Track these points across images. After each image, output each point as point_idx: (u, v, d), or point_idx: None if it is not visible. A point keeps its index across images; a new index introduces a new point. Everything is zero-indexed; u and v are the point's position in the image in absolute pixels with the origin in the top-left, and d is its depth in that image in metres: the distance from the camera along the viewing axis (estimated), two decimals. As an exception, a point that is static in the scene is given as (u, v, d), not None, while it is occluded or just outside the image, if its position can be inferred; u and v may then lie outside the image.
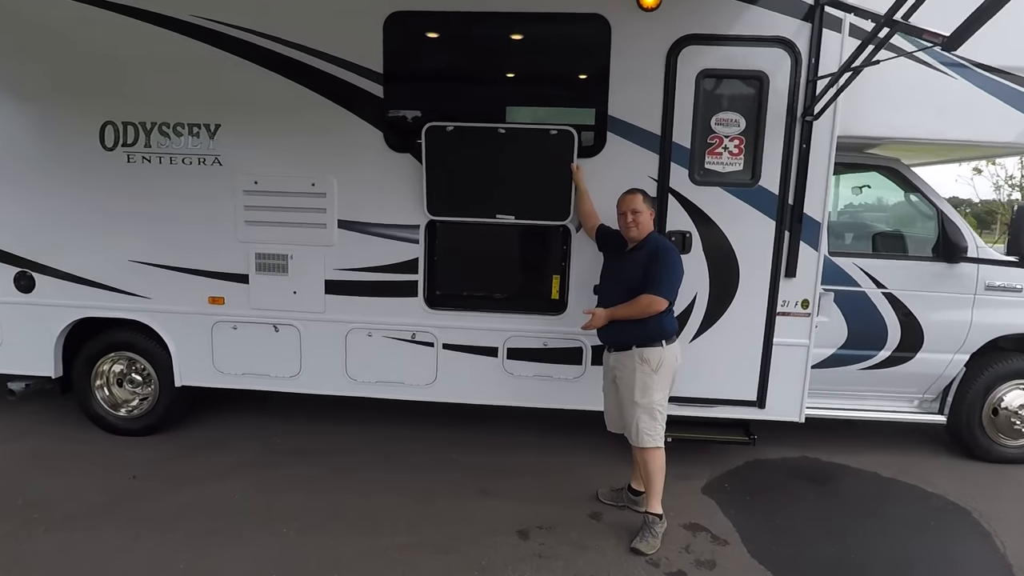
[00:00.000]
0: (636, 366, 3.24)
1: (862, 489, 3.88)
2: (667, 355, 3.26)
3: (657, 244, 3.29)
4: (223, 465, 3.92)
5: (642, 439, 3.27)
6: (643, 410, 3.25)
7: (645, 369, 3.23)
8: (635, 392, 3.25)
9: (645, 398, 3.24)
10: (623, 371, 3.30)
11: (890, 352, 4.17)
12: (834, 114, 3.63)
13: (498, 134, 3.78)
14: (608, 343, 3.43)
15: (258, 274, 4.04)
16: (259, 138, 3.92)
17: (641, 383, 3.24)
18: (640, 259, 3.26)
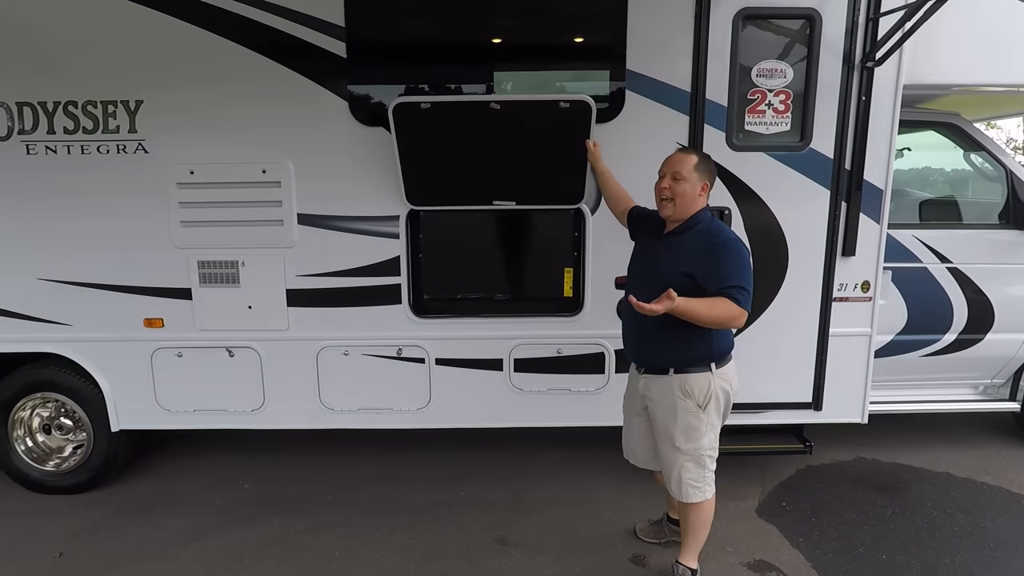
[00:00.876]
0: (677, 400, 2.45)
1: (940, 496, 3.34)
2: (718, 383, 2.45)
3: (717, 231, 2.41)
4: (176, 529, 3.16)
5: (688, 493, 2.52)
6: (688, 458, 2.49)
7: (689, 405, 2.44)
8: (676, 435, 2.48)
9: (691, 443, 2.47)
10: (659, 404, 2.50)
11: (956, 335, 3.63)
12: (899, 59, 3.00)
13: (489, 110, 3.02)
14: (638, 360, 2.62)
15: (203, 287, 3.26)
16: (193, 116, 3.11)
17: (684, 424, 2.45)
18: (684, 247, 2.40)
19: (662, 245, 2.50)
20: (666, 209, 2.46)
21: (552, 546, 2.97)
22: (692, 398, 2.43)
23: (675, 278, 2.33)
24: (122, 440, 3.51)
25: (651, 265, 2.52)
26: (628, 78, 3.04)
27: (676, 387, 2.44)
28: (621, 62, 3.04)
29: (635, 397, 2.64)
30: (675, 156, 2.51)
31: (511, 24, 3.18)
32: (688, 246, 2.41)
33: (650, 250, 2.57)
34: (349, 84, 3.07)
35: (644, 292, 2.31)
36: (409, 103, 2.96)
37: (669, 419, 2.48)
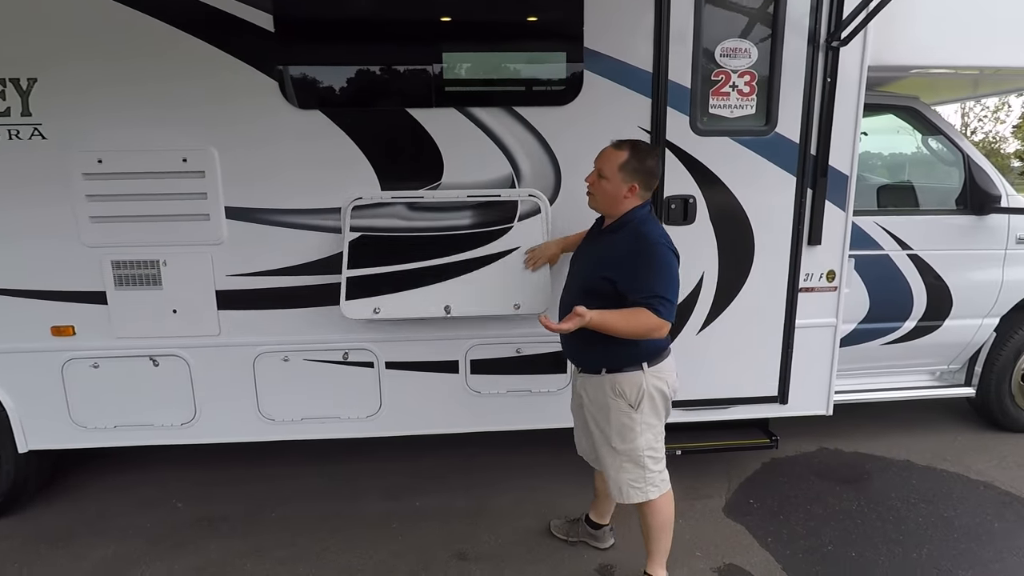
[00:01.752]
0: (609, 400, 2.33)
1: (902, 486, 3.30)
2: (651, 382, 2.31)
3: (645, 235, 2.22)
4: (97, 560, 2.83)
5: (628, 494, 2.39)
6: (626, 459, 2.37)
7: (621, 406, 2.32)
8: (611, 436, 2.37)
9: (627, 443, 2.35)
10: (594, 403, 2.40)
11: (916, 322, 3.60)
12: (864, 39, 2.89)
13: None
14: (572, 360, 2.52)
15: (119, 290, 2.91)
16: (99, 98, 2.74)
17: (618, 425, 2.34)
18: (611, 249, 2.28)
19: (596, 241, 2.42)
20: (590, 201, 2.38)
21: (515, 559, 2.79)
22: (624, 398, 2.32)
23: (596, 282, 2.26)
24: (32, 462, 3.13)
25: (582, 261, 2.45)
26: (586, 57, 2.83)
27: (608, 387, 2.34)
28: (579, 40, 2.82)
29: (576, 394, 2.56)
30: (605, 150, 2.33)
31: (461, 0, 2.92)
32: (614, 248, 2.28)
33: (586, 245, 2.49)
34: (278, 62, 2.76)
35: (571, 290, 2.39)
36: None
37: (603, 419, 2.39)
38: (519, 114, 2.88)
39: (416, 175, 2.92)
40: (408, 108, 2.86)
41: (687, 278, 3.07)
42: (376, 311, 2.89)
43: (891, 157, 4.55)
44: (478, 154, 2.91)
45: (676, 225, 3.00)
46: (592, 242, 2.44)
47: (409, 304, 2.90)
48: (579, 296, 2.27)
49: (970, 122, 17.07)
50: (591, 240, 2.46)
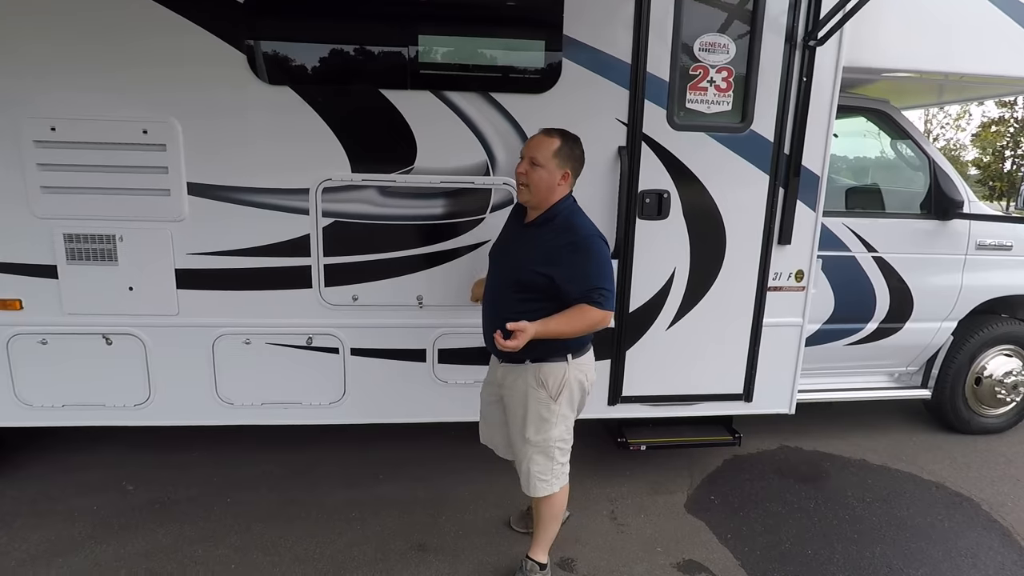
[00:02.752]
0: (529, 390, 2.34)
1: (858, 485, 3.37)
2: (573, 374, 2.35)
3: (577, 227, 2.25)
4: (38, 542, 2.73)
5: (535, 486, 2.42)
6: (537, 450, 2.39)
7: (541, 396, 2.33)
8: (527, 427, 2.37)
9: (540, 434, 2.36)
10: (512, 392, 2.39)
11: (878, 324, 3.66)
12: (840, 40, 2.91)
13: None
14: (495, 352, 2.39)
15: (71, 264, 2.79)
16: (53, 60, 2.61)
17: (535, 415, 2.35)
18: (542, 244, 2.25)
19: (522, 236, 2.36)
20: (522, 194, 2.32)
21: (474, 550, 2.77)
22: (545, 388, 2.34)
23: (533, 278, 2.24)
24: (-25, 440, 3.01)
25: (510, 256, 2.39)
26: (565, 45, 2.79)
27: (531, 376, 2.34)
28: (558, 28, 2.78)
29: (492, 386, 2.54)
30: (536, 138, 2.32)
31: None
32: (546, 243, 2.25)
33: (511, 237, 2.45)
34: (248, 36, 2.66)
35: (499, 283, 2.37)
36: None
37: (520, 409, 2.39)
38: (496, 100, 2.83)
39: (388, 159, 2.85)
40: (382, 89, 2.78)
41: (658, 273, 3.07)
42: (355, 298, 2.90)
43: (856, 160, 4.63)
44: (452, 140, 2.85)
45: (650, 220, 2.99)
46: (517, 237, 2.38)
47: (383, 293, 2.90)
48: (510, 291, 2.27)
49: (932, 128, 17.52)
50: (514, 235, 2.41)
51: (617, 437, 3.28)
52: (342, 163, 2.82)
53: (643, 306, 3.10)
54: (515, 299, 2.25)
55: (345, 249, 2.91)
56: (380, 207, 2.88)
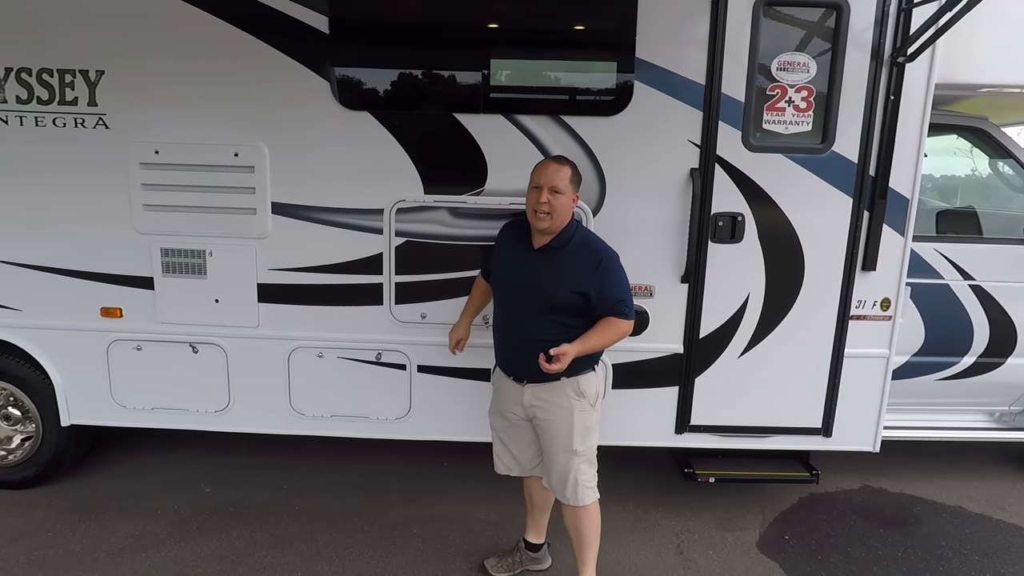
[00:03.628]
0: (573, 403, 2.39)
1: (953, 534, 3.09)
2: (602, 381, 2.52)
3: (597, 246, 2.39)
4: (125, 536, 2.91)
5: (584, 495, 2.46)
6: (583, 459, 2.45)
7: (584, 406, 2.41)
8: (574, 439, 2.40)
9: (586, 443, 2.44)
10: (552, 409, 2.41)
11: (975, 358, 3.38)
12: (932, 55, 2.75)
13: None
14: (523, 374, 2.43)
15: (166, 277, 3.00)
16: (159, 90, 2.84)
17: (581, 425, 2.41)
18: (567, 265, 2.34)
19: (538, 260, 2.39)
20: (542, 222, 2.33)
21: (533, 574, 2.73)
22: (587, 398, 2.42)
23: (567, 297, 2.32)
24: (73, 435, 3.25)
25: (528, 280, 2.39)
26: (637, 68, 2.78)
27: (570, 390, 2.40)
28: (630, 50, 2.77)
29: (515, 409, 2.50)
30: (551, 168, 2.36)
31: (512, 6, 2.91)
32: (571, 263, 2.35)
33: (523, 263, 2.43)
34: (332, 64, 2.81)
35: (524, 308, 2.38)
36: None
37: (565, 424, 2.41)
38: (566, 123, 2.85)
39: (460, 180, 2.91)
40: (455, 113, 2.86)
41: (731, 298, 2.97)
42: (423, 316, 2.98)
43: (945, 180, 4.33)
44: (523, 162, 2.86)
45: (722, 243, 2.90)
46: (532, 262, 2.39)
47: (451, 312, 2.91)
48: (543, 315, 2.33)
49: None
50: (526, 260, 2.41)
51: (684, 467, 3.16)
52: (415, 185, 2.91)
53: (714, 332, 3.00)
54: (548, 321, 2.32)
55: (415, 268, 2.98)
56: (450, 227, 2.95)
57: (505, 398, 2.53)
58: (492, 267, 2.60)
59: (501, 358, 2.54)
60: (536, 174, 2.37)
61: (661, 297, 2.97)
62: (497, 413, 2.59)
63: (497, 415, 2.59)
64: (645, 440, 3.15)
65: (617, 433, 3.07)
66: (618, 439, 3.10)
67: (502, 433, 2.60)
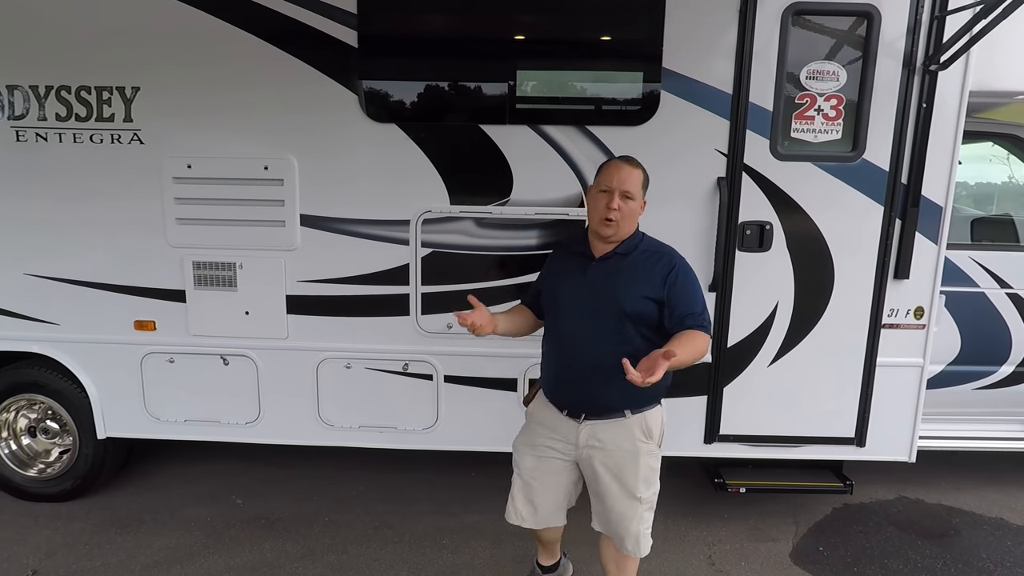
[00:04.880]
0: (639, 444, 2.12)
1: (995, 546, 3.02)
2: (665, 416, 2.23)
3: (670, 251, 2.17)
4: (160, 549, 2.94)
5: (644, 546, 2.20)
6: (647, 507, 2.18)
7: (651, 448, 2.15)
8: (638, 485, 2.13)
9: (651, 489, 2.17)
10: (616, 451, 2.12)
11: (1014, 367, 3.32)
12: (966, 63, 2.71)
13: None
14: (580, 406, 2.16)
15: (198, 289, 3.04)
16: (192, 106, 2.89)
17: (647, 469, 2.14)
18: (639, 270, 2.11)
19: (601, 268, 2.15)
20: (609, 229, 2.11)
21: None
22: (653, 438, 2.16)
23: (639, 304, 2.08)
24: (109, 448, 3.29)
25: (591, 291, 2.13)
26: (664, 77, 2.78)
27: (636, 429, 2.12)
28: (657, 60, 2.77)
29: (560, 447, 2.20)
30: (624, 169, 2.13)
31: (538, 17, 2.93)
32: (642, 267, 2.12)
33: (583, 276, 2.16)
34: (360, 77, 2.84)
35: (586, 326, 2.11)
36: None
37: (629, 468, 2.13)
38: (592, 133, 2.86)
39: (485, 191, 2.92)
40: (481, 124, 2.88)
41: (760, 307, 2.95)
42: (449, 327, 2.96)
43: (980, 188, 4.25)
44: (548, 172, 2.89)
45: (750, 251, 2.88)
46: (597, 271, 2.14)
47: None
48: (614, 327, 2.08)
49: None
50: (591, 271, 2.15)
51: (714, 477, 3.12)
52: (441, 196, 2.93)
53: (743, 341, 2.98)
54: (618, 337, 2.06)
55: (441, 278, 2.99)
56: (476, 238, 2.96)
57: (548, 433, 2.23)
58: (543, 290, 2.31)
59: (554, 390, 2.25)
60: (605, 176, 2.14)
61: (689, 307, 2.95)
62: (528, 449, 2.28)
63: (528, 453, 2.28)
64: (674, 450, 3.09)
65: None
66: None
67: (528, 475, 2.28)
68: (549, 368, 2.27)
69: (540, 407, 2.28)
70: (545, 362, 2.30)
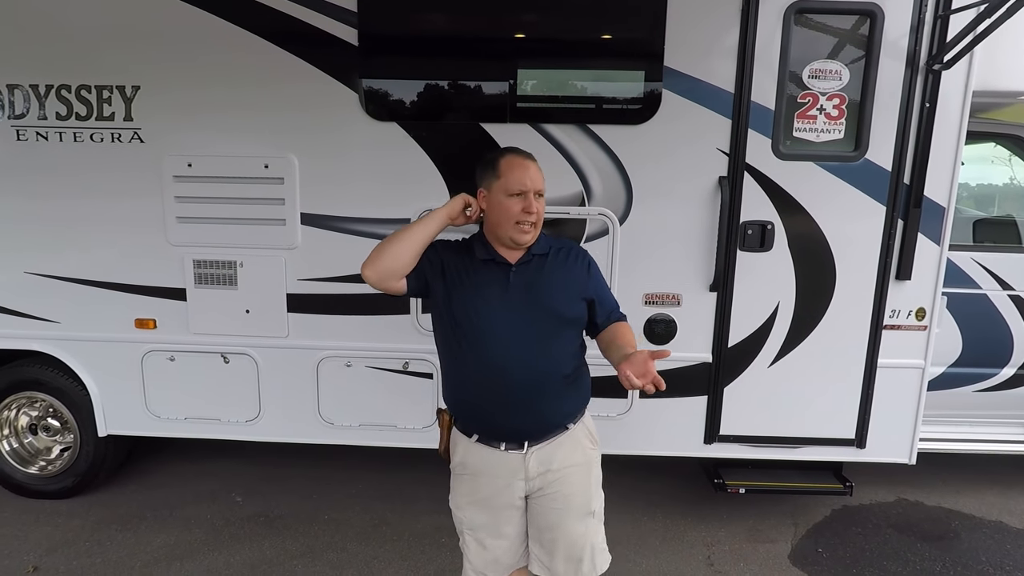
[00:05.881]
0: (589, 452, 1.92)
1: (994, 549, 3.01)
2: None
3: (575, 247, 1.98)
4: (160, 546, 2.95)
5: (602, 561, 1.94)
6: (598, 519, 1.94)
7: (597, 453, 1.96)
8: (592, 498, 1.91)
9: (599, 497, 1.95)
10: (571, 470, 1.87)
11: (1016, 369, 3.30)
12: (970, 62, 2.70)
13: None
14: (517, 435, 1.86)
15: (198, 288, 3.04)
16: (192, 105, 2.89)
17: (596, 478, 1.94)
18: (561, 271, 1.88)
19: (526, 275, 1.86)
20: (528, 235, 1.83)
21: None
22: (594, 439, 1.97)
23: (576, 305, 1.88)
24: (110, 445, 3.30)
25: (520, 302, 1.83)
26: (665, 76, 2.77)
27: (583, 437, 1.92)
28: (659, 59, 2.76)
29: (510, 490, 1.87)
30: (532, 167, 1.86)
31: (539, 16, 2.92)
32: (564, 268, 1.90)
33: (505, 288, 1.84)
34: (360, 75, 2.83)
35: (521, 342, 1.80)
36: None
37: (582, 484, 1.89)
38: (593, 132, 2.85)
39: (486, 189, 2.92)
40: (482, 123, 2.87)
41: (760, 307, 2.94)
42: None
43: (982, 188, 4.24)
44: (549, 170, 2.81)
45: (752, 251, 2.87)
46: (520, 277, 1.85)
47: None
48: (554, 333, 1.83)
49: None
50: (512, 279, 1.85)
51: (713, 478, 3.12)
52: (442, 194, 2.92)
53: (743, 341, 2.97)
54: (558, 345, 1.85)
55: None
56: (477, 237, 2.95)
57: (491, 481, 1.88)
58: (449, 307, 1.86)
59: (484, 426, 1.88)
60: (514, 177, 1.82)
61: (689, 306, 2.94)
62: (475, 507, 1.92)
63: (476, 509, 1.92)
64: (673, 450, 3.12)
65: (645, 443, 3.06)
66: (646, 449, 3.09)
67: (482, 533, 1.93)
68: (471, 402, 1.89)
69: (469, 453, 1.91)
70: (463, 396, 1.91)
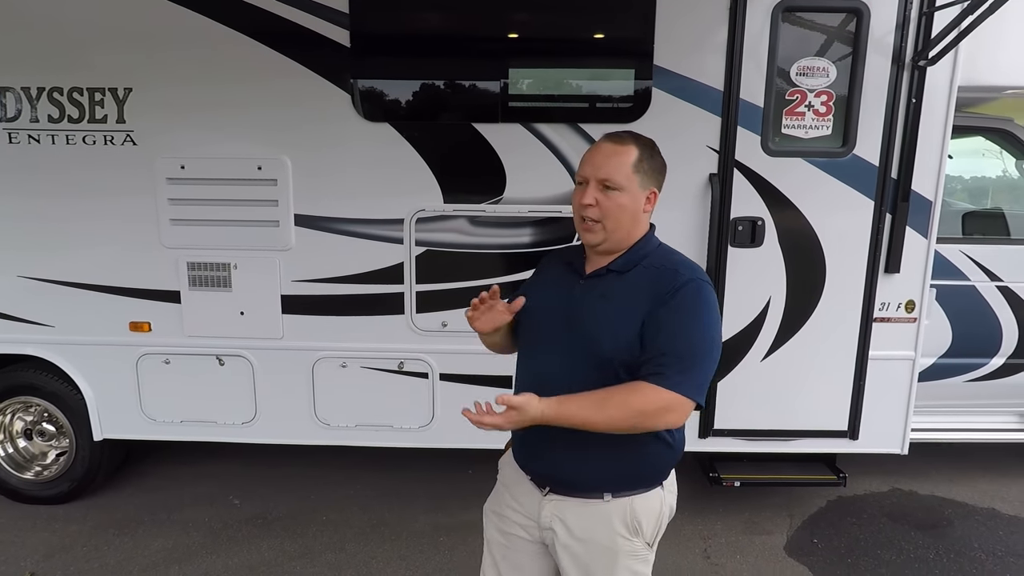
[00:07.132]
0: (619, 540, 1.52)
1: (987, 536, 3.05)
2: (669, 501, 1.59)
3: (677, 270, 1.48)
4: (158, 550, 2.95)
5: None
6: None
7: (636, 547, 1.53)
8: None
9: None
10: (586, 545, 1.53)
11: (1005, 359, 3.35)
12: (955, 58, 2.74)
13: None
14: (539, 472, 1.59)
15: (192, 290, 3.04)
16: (184, 107, 2.89)
17: (627, 572, 1.54)
18: (630, 294, 1.48)
19: (589, 291, 1.53)
20: (590, 234, 1.51)
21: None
22: (641, 535, 1.53)
23: (623, 343, 1.44)
24: (106, 449, 3.29)
25: (567, 319, 1.53)
26: (655, 74, 2.79)
27: (618, 521, 1.51)
28: (648, 57, 2.79)
29: (521, 520, 1.62)
30: (604, 149, 1.51)
31: (530, 16, 2.94)
32: (636, 292, 1.48)
33: (565, 295, 1.56)
34: (352, 76, 2.85)
35: (557, 363, 1.51)
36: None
37: (600, 570, 1.54)
38: (584, 131, 2.87)
39: (479, 189, 2.93)
40: (474, 123, 2.89)
41: (752, 302, 2.97)
42: (444, 325, 2.99)
43: (973, 182, 4.29)
44: (541, 170, 2.90)
45: (742, 247, 2.90)
46: (580, 292, 1.54)
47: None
48: (594, 369, 1.46)
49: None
50: (575, 290, 1.55)
51: (708, 472, 3.15)
52: (435, 194, 2.94)
53: (735, 336, 2.99)
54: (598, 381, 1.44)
55: (436, 277, 3.01)
56: (470, 236, 2.97)
57: (510, 502, 1.64)
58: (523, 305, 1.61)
59: (517, 446, 1.65)
60: (583, 160, 1.53)
61: (683, 302, 2.97)
62: (495, 519, 1.69)
63: (493, 523, 1.70)
64: (669, 445, 3.15)
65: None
66: (642, 445, 3.12)
67: (496, 552, 1.68)
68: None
69: (507, 463, 1.70)
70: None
